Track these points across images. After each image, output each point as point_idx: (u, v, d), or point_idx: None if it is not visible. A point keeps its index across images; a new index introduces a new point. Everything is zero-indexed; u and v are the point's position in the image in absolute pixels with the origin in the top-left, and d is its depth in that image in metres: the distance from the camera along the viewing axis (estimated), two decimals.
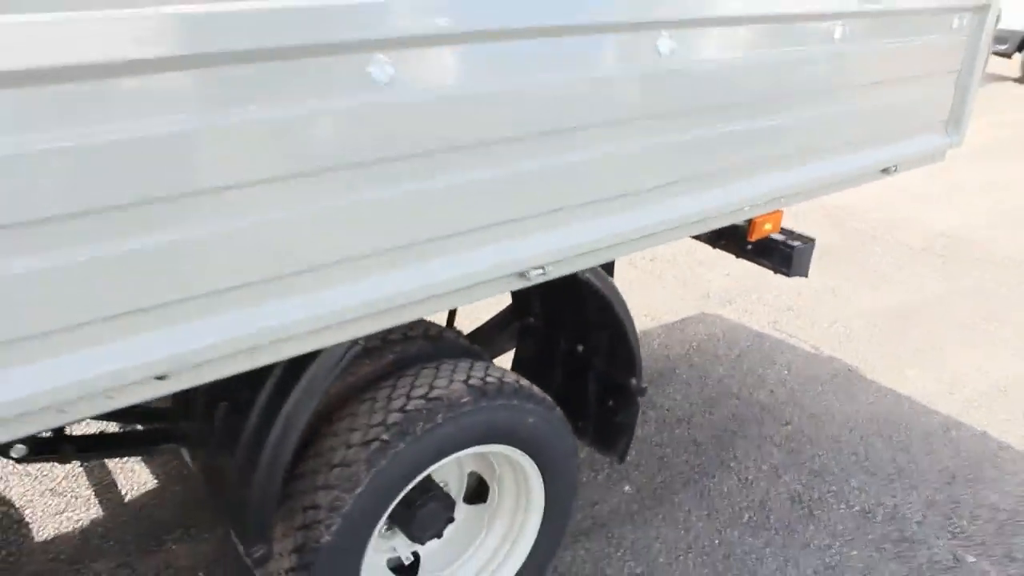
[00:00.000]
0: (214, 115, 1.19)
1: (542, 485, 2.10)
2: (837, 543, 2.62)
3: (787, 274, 2.75)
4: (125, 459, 2.84)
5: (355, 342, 1.60)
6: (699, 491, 2.82)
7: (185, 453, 2.02)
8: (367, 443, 1.72)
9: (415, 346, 2.01)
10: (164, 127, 1.15)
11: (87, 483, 2.73)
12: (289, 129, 1.27)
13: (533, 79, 1.53)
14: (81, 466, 2.81)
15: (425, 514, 1.96)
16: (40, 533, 2.52)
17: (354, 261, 1.43)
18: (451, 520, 2.06)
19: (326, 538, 1.71)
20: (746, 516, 2.72)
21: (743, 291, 4.38)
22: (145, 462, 2.84)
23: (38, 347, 1.19)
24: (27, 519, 2.57)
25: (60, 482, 2.73)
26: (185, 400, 1.91)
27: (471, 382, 1.85)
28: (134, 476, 2.77)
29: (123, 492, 2.70)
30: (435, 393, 1.80)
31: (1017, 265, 4.96)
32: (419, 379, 1.84)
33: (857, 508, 2.78)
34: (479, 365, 1.94)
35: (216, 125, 1.20)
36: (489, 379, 1.89)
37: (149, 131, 1.14)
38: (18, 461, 1.85)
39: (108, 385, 1.28)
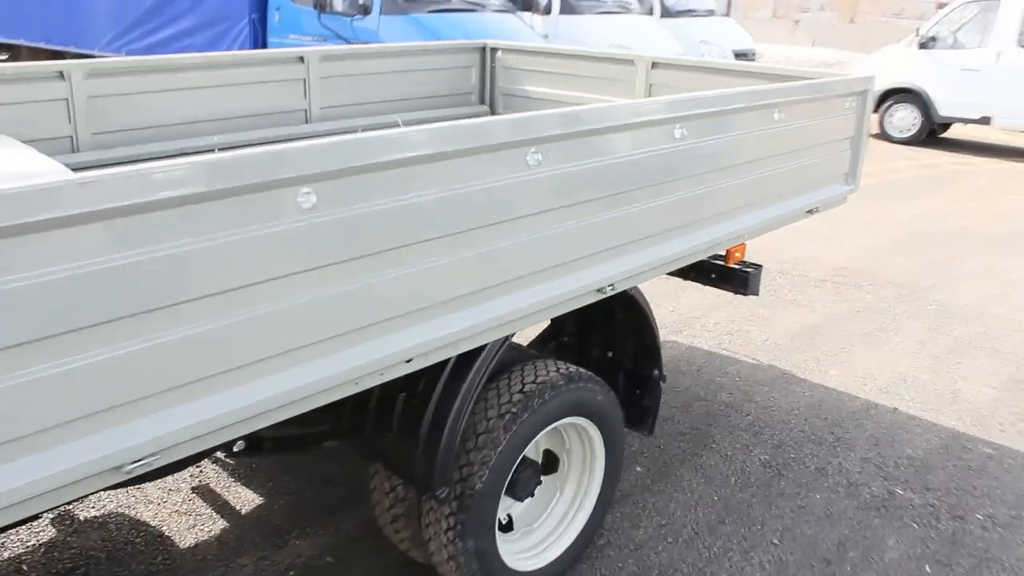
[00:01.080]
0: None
1: (604, 449, 2.85)
2: (803, 491, 3.46)
3: (745, 294, 3.61)
4: (231, 484, 3.40)
5: (506, 338, 2.34)
6: (693, 466, 3.62)
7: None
8: (502, 415, 2.44)
9: (507, 354, 2.74)
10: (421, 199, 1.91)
11: (204, 504, 3.29)
12: (492, 196, 2.04)
13: (618, 161, 2.36)
14: (193, 491, 3.36)
15: (525, 477, 2.66)
16: (182, 543, 3.07)
17: (516, 281, 2.19)
18: (539, 483, 2.77)
19: (479, 485, 2.40)
20: (732, 479, 3.53)
21: (688, 321, 5.27)
22: (246, 483, 3.41)
23: (337, 345, 1.87)
24: (166, 534, 3.11)
25: (180, 505, 3.27)
26: (354, 401, 2.56)
27: (561, 371, 2.61)
28: (241, 496, 3.34)
29: (237, 508, 3.27)
30: (540, 379, 2.54)
31: (896, 287, 6.08)
32: (525, 372, 2.57)
33: (812, 467, 3.64)
34: (560, 362, 2.69)
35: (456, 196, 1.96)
36: (571, 369, 2.65)
37: (404, 202, 1.89)
38: (235, 455, 2.46)
39: (377, 368, 1.97)
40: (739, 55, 12.55)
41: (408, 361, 2.02)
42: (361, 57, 4.59)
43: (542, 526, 2.89)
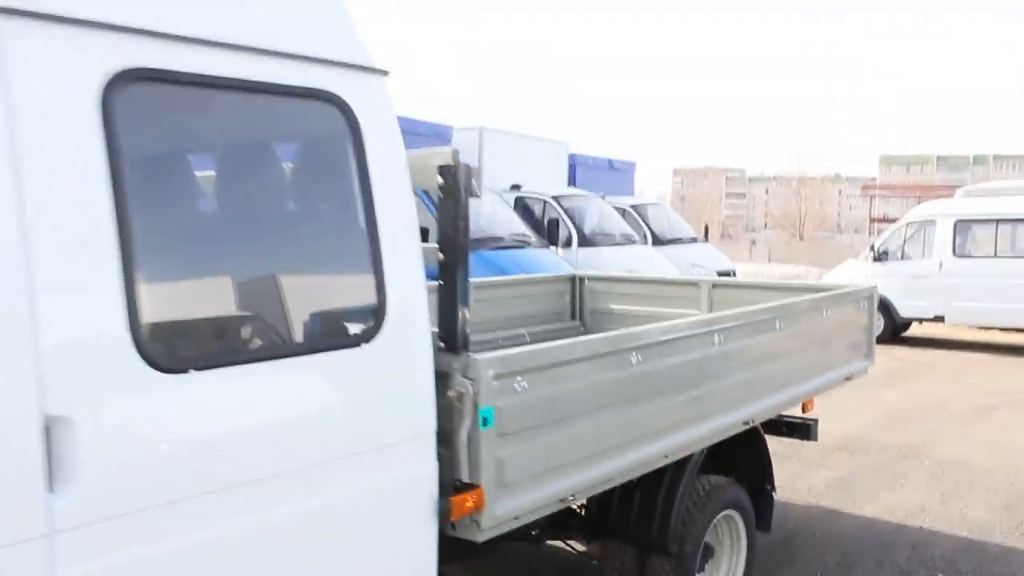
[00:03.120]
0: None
1: (746, 536, 4.24)
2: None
3: (808, 439, 5.13)
4: None
5: (704, 450, 3.83)
6: (787, 567, 4.96)
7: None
8: (696, 504, 3.87)
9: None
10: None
11: None
12: (702, 365, 3.63)
13: (748, 344, 4.00)
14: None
15: (701, 553, 4.04)
16: None
17: (710, 414, 3.72)
18: (707, 560, 4.13)
19: (689, 548, 3.79)
20: (818, 573, 4.87)
21: None
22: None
23: (644, 441, 3.37)
24: None
25: None
26: (598, 506, 3.93)
27: (724, 479, 4.08)
28: None
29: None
30: (714, 483, 4.00)
31: (896, 449, 7.62)
32: (703, 480, 4.02)
33: (872, 563, 5.01)
34: (718, 476, 4.15)
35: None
36: (729, 479, 4.12)
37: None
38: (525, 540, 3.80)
39: (658, 456, 3.44)
40: (722, 274, 14.71)
41: (666, 456, 3.51)
42: (495, 287, 6.30)
43: None
